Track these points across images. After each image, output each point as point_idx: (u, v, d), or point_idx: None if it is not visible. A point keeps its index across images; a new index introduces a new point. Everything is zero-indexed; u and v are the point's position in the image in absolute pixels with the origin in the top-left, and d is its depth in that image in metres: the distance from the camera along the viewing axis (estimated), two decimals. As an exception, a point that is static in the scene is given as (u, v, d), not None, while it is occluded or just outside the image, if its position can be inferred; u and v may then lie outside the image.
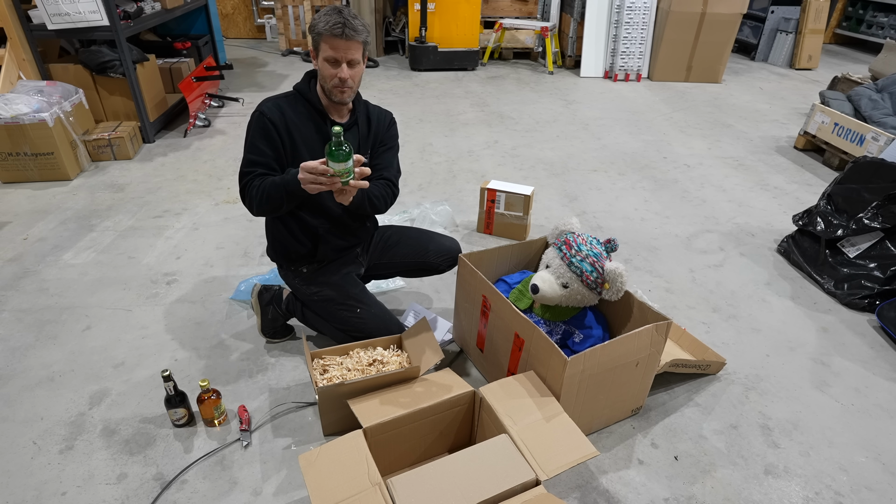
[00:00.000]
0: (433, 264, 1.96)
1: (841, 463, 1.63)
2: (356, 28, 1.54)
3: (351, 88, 1.62)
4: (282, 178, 1.57)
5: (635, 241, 2.75)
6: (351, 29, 1.53)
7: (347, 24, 1.53)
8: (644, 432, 1.70)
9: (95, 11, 3.16)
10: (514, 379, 1.55)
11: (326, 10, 1.56)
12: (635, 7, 5.30)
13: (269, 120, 1.62)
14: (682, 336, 1.98)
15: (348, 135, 1.72)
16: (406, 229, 2.04)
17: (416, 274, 2.04)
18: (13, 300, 2.18)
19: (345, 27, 1.52)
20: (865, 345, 2.11)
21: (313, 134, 1.68)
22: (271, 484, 1.51)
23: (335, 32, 1.52)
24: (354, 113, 1.75)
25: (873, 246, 2.34)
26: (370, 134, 1.79)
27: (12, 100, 2.95)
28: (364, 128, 1.77)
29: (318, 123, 1.68)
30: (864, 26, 7.30)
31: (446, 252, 1.96)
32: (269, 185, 1.58)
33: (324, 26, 1.53)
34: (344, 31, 1.52)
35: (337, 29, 1.52)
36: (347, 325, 1.82)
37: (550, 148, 3.84)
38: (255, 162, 1.63)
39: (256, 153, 1.64)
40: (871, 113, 3.59)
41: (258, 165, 1.63)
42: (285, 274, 1.89)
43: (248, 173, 1.63)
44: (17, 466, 1.53)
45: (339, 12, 1.55)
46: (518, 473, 1.26)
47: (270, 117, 1.62)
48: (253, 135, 1.64)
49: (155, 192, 3.05)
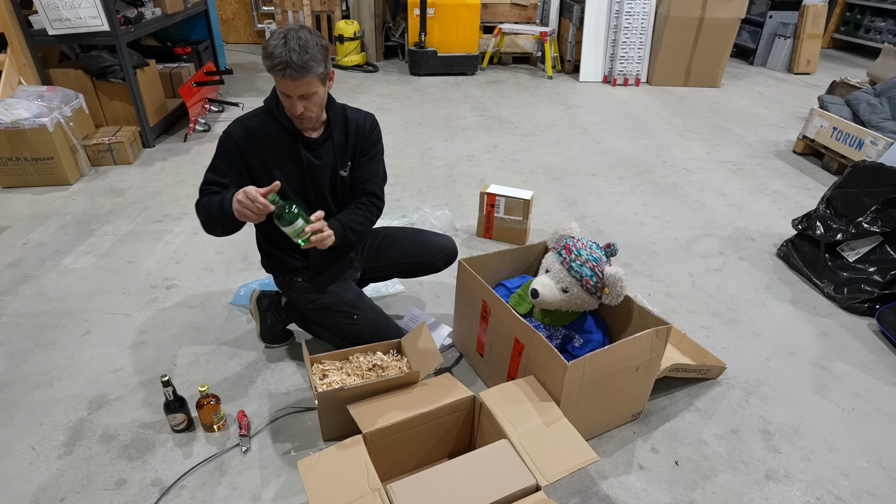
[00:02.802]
0: (430, 263, 1.96)
1: (842, 468, 1.62)
2: (302, 66, 1.41)
3: (309, 118, 1.56)
4: (222, 198, 1.51)
5: (635, 245, 2.75)
6: (294, 70, 1.41)
7: (290, 64, 1.40)
8: (644, 437, 1.70)
9: (96, 17, 3.17)
10: (513, 384, 1.54)
11: (274, 41, 1.41)
12: (634, 12, 5.32)
13: (235, 143, 1.58)
14: (682, 340, 1.97)
15: (324, 148, 1.67)
16: (399, 230, 2.02)
17: (414, 274, 2.04)
18: (12, 305, 2.17)
19: (286, 68, 1.40)
20: (866, 349, 2.10)
21: (285, 153, 1.63)
22: (271, 489, 1.50)
23: (277, 74, 1.43)
24: (329, 125, 1.67)
25: (873, 250, 2.35)
26: (348, 143, 1.71)
27: (13, 105, 2.95)
28: (341, 138, 1.69)
29: (290, 143, 1.62)
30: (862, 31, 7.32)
31: (442, 250, 1.96)
32: (211, 203, 1.54)
33: (268, 64, 1.43)
34: (286, 72, 1.41)
35: (278, 71, 1.42)
36: (345, 332, 1.81)
37: (550, 152, 3.84)
38: (212, 181, 1.60)
39: (216, 173, 1.60)
40: (870, 117, 3.60)
41: (214, 185, 1.59)
42: (281, 283, 1.87)
43: (203, 191, 1.61)
44: (16, 472, 1.52)
45: (285, 44, 1.40)
46: (518, 479, 1.25)
47: (237, 141, 1.58)
48: (217, 155, 1.61)
49: (155, 196, 3.05)
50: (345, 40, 5.61)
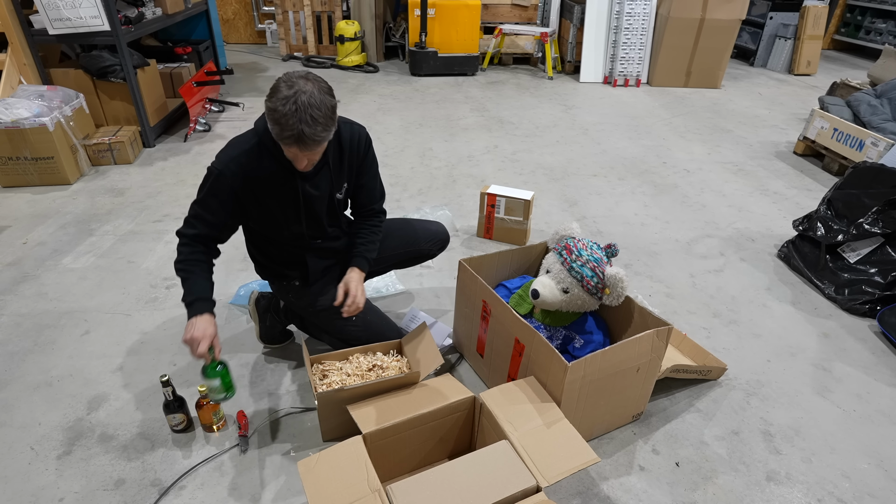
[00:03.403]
0: (424, 250, 1.98)
1: (843, 469, 1.62)
2: (314, 139, 1.35)
3: (313, 163, 1.51)
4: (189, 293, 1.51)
5: (635, 245, 2.74)
6: (304, 144, 1.35)
7: (302, 138, 1.34)
8: (645, 438, 1.70)
9: (96, 17, 3.17)
10: (514, 384, 1.54)
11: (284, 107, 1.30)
12: (635, 13, 5.32)
13: (228, 183, 1.50)
14: (683, 341, 1.97)
15: (320, 176, 1.59)
16: (390, 222, 1.96)
17: (410, 263, 2.04)
18: (12, 305, 2.17)
19: (298, 142, 1.35)
20: (867, 350, 2.10)
21: (280, 186, 1.56)
22: (270, 490, 1.50)
23: (287, 144, 1.37)
24: (325, 152, 1.57)
25: (874, 251, 2.34)
26: (343, 164, 1.64)
27: (13, 104, 2.95)
28: (336, 161, 1.62)
29: (286, 177, 1.55)
30: (863, 32, 7.32)
31: (434, 236, 1.98)
32: (184, 280, 1.53)
33: (276, 131, 1.35)
34: (297, 145, 1.36)
35: (288, 141, 1.36)
36: (344, 334, 1.80)
37: (550, 153, 3.84)
38: (201, 217, 1.54)
39: (206, 209, 1.53)
40: (871, 118, 3.60)
41: (202, 222, 1.54)
42: (278, 288, 1.84)
43: (190, 224, 1.55)
44: (15, 472, 1.52)
45: (295, 112, 1.30)
46: (519, 480, 1.25)
47: (231, 180, 1.49)
48: (208, 190, 1.52)
49: (155, 196, 3.05)
50: (345, 41, 5.61)
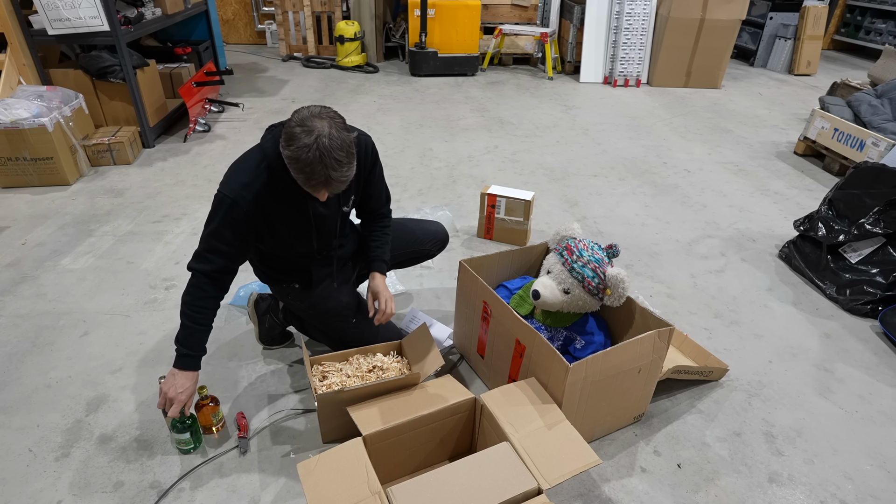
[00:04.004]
0: (424, 250, 2.00)
1: (846, 471, 1.61)
2: (340, 181, 1.35)
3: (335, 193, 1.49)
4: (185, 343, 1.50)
5: (636, 246, 2.74)
6: (332, 187, 1.37)
7: (329, 183, 1.34)
8: (646, 440, 1.69)
9: (96, 17, 3.17)
10: (515, 386, 1.53)
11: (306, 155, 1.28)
12: (635, 13, 5.31)
13: (244, 213, 1.46)
14: (684, 342, 1.96)
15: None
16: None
17: (409, 263, 2.05)
18: (10, 306, 2.16)
19: (326, 186, 1.36)
20: (869, 351, 2.09)
21: (296, 216, 1.55)
22: (269, 492, 1.49)
23: (312, 189, 1.38)
24: None
25: (875, 251, 2.34)
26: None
27: (12, 105, 2.94)
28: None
29: (298, 200, 1.53)
30: (863, 32, 7.32)
31: (433, 236, 2.00)
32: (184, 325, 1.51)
33: (301, 178, 1.35)
34: (326, 188, 1.37)
35: (317, 188, 1.37)
36: (343, 336, 1.80)
37: (550, 153, 3.83)
38: (216, 249, 1.50)
39: (220, 240, 1.49)
40: (871, 118, 3.59)
41: (217, 254, 1.50)
42: (278, 290, 1.83)
43: (204, 259, 1.51)
44: (13, 474, 1.51)
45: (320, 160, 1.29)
46: (520, 482, 1.24)
47: (246, 209, 1.45)
48: (221, 221, 1.47)
49: (154, 196, 3.04)
50: (345, 41, 5.61)
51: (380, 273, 1.75)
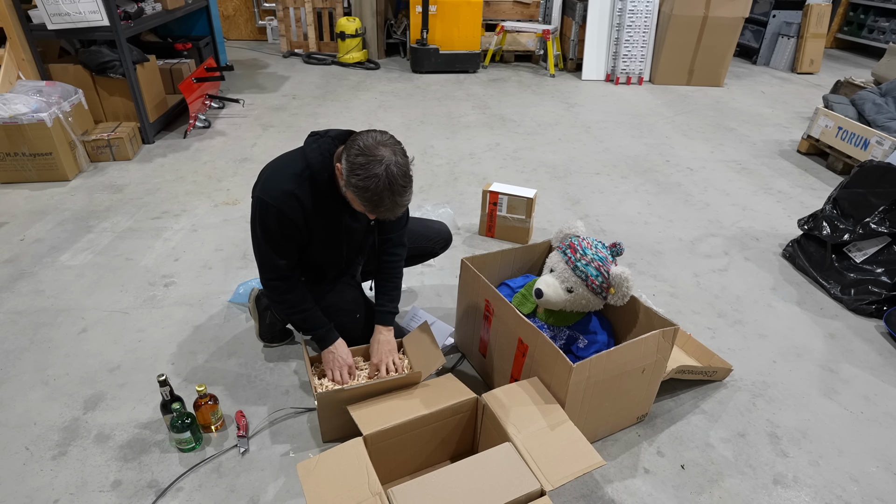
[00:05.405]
0: (428, 249, 2.02)
1: (851, 472, 1.60)
2: (403, 204, 1.40)
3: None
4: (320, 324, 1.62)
5: (639, 244, 2.72)
6: (400, 207, 1.40)
7: (395, 209, 1.39)
8: (650, 440, 1.67)
9: (96, 12, 3.14)
10: (517, 385, 1.51)
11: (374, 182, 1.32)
12: (637, 11, 5.28)
13: (292, 221, 1.50)
14: (688, 342, 1.94)
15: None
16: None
17: (411, 262, 2.05)
18: (8, 302, 2.14)
19: (391, 212, 1.40)
20: (874, 351, 2.07)
21: (333, 222, 1.58)
22: (269, 492, 1.47)
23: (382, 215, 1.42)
24: None
25: (880, 251, 2.32)
26: None
27: (11, 100, 2.92)
28: None
29: (334, 212, 1.56)
30: (866, 31, 7.29)
31: (437, 234, 2.03)
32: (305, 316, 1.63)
33: (370, 209, 1.39)
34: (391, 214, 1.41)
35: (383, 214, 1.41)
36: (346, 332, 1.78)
37: (552, 151, 3.81)
38: (289, 266, 1.59)
39: (283, 255, 1.56)
40: (876, 117, 3.57)
41: (290, 270, 1.60)
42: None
43: (269, 269, 1.58)
44: (9, 473, 1.50)
45: (389, 186, 1.33)
46: (522, 483, 1.23)
47: (293, 217, 1.50)
48: (277, 235, 1.52)
49: (154, 193, 3.02)
50: (346, 37, 5.58)
51: (385, 327, 1.72)
